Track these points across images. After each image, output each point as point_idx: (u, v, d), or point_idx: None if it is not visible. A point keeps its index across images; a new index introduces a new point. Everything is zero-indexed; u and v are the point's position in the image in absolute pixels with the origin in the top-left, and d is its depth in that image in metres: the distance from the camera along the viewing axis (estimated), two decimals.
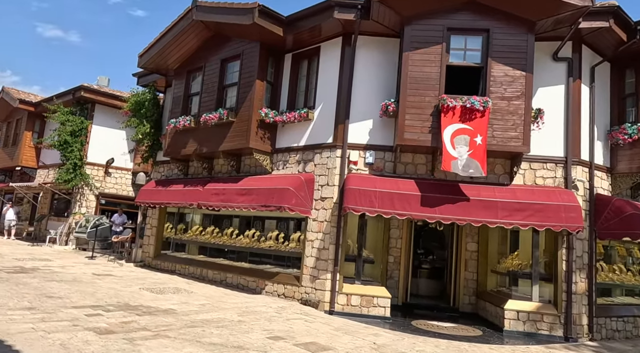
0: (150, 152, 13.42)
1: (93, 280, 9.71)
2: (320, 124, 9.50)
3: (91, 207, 17.58)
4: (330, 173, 9.10)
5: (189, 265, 11.84)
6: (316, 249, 8.97)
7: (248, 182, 9.99)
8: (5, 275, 9.19)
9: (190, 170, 12.48)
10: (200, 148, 11.08)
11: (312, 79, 10.05)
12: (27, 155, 20.10)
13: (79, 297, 7.73)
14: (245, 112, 10.04)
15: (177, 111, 11.93)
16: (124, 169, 18.52)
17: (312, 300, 8.74)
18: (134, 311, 6.98)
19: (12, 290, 7.73)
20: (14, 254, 13.30)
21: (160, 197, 11.97)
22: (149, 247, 13.29)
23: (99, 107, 17.74)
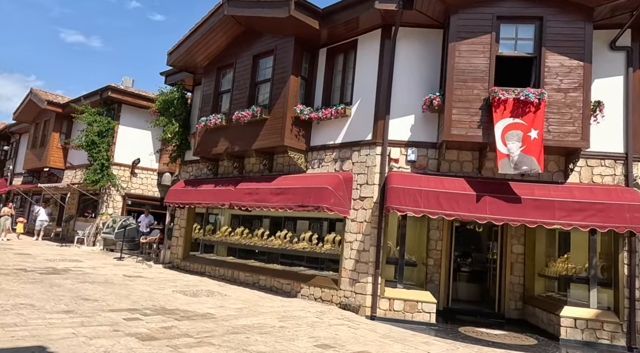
0: (178, 152, 13.22)
1: (125, 282, 9.50)
2: (358, 121, 9.10)
3: (118, 208, 17.52)
4: (369, 171, 8.68)
5: (220, 267, 11.57)
6: (355, 251, 8.57)
7: (282, 181, 9.65)
8: (39, 277, 9.04)
9: (220, 170, 12.22)
10: (231, 147, 10.80)
11: (348, 73, 9.66)
12: (54, 156, 20.22)
13: (115, 299, 7.49)
14: (280, 109, 9.70)
15: (207, 109, 11.68)
16: (150, 169, 18.43)
17: (352, 305, 8.33)
18: (171, 315, 6.69)
19: (48, 292, 7.54)
20: (44, 255, 13.26)
21: (189, 197, 11.74)
22: (177, 248, 13.08)
23: (125, 108, 17.69)
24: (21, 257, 12.09)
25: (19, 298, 6.80)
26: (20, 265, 10.52)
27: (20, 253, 13.14)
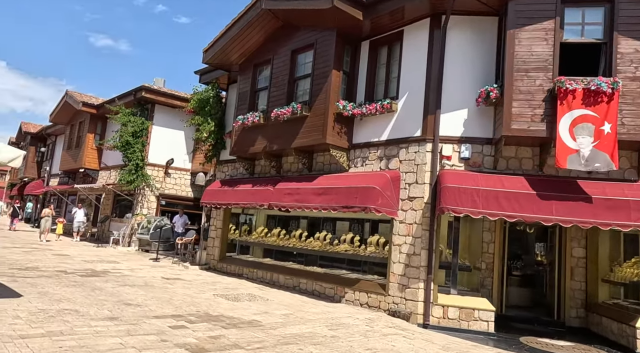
0: (213, 152, 13.00)
1: (164, 285, 9.29)
2: (405, 116, 8.59)
3: (152, 208, 17.53)
4: (419, 170, 8.16)
5: (258, 269, 11.26)
6: (405, 255, 8.07)
7: (324, 181, 9.24)
8: (80, 279, 8.93)
9: (256, 169, 11.92)
10: (270, 145, 10.46)
11: (393, 67, 9.16)
12: (89, 157, 20.46)
13: (157, 304, 7.24)
14: (321, 105, 9.29)
15: (244, 107, 11.39)
16: (183, 169, 18.38)
17: (402, 312, 7.84)
18: (217, 322, 6.37)
19: (90, 296, 7.36)
20: (82, 256, 13.29)
21: (226, 198, 11.48)
22: (213, 250, 12.87)
23: (158, 108, 17.67)
24: (60, 258, 12.12)
25: (63, 303, 6.62)
26: (60, 267, 10.48)
27: (59, 254, 13.21)
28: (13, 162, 5.55)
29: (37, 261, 11.10)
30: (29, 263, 10.62)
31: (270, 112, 10.42)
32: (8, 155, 5.51)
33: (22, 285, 7.66)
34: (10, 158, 5.53)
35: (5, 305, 6.14)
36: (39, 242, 15.98)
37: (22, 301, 6.48)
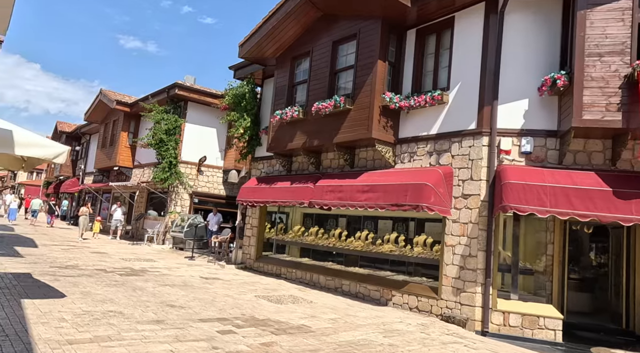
0: (249, 148, 12.71)
1: (204, 285, 9.04)
2: (457, 108, 8.03)
3: (185, 206, 17.46)
4: (474, 165, 7.60)
5: (297, 269, 10.91)
6: (459, 256, 7.53)
7: (369, 178, 8.77)
8: (120, 279, 8.77)
9: (294, 166, 11.56)
10: (310, 141, 10.06)
11: (442, 56, 8.60)
12: (123, 155, 20.61)
13: (200, 306, 6.95)
14: (365, 97, 8.82)
15: (282, 102, 11.03)
16: (215, 167, 18.24)
17: (456, 317, 7.31)
18: (265, 327, 6.01)
19: (132, 296, 7.14)
20: (119, 254, 13.26)
21: (263, 195, 11.16)
22: (249, 248, 12.60)
23: (191, 105, 17.58)
24: (98, 256, 12.09)
25: (107, 304, 6.40)
26: (99, 265, 10.40)
27: (97, 252, 13.22)
28: (58, 158, 5.34)
29: (76, 259, 11.07)
30: (69, 261, 10.58)
31: (310, 106, 10.02)
32: (53, 151, 5.30)
33: (64, 285, 7.52)
34: (56, 153, 5.32)
35: (50, 306, 5.95)
36: (77, 240, 16.07)
37: (66, 302, 6.30)
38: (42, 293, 6.70)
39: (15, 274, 8.04)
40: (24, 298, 6.27)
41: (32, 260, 10.10)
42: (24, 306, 5.81)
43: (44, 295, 6.63)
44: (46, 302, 6.13)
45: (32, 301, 6.11)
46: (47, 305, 5.99)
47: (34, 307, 5.82)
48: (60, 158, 5.39)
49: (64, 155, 5.43)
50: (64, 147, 5.49)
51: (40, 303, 6.05)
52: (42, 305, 5.93)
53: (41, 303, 6.06)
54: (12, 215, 23.12)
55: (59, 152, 5.38)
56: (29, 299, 6.20)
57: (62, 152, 5.40)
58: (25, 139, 5.21)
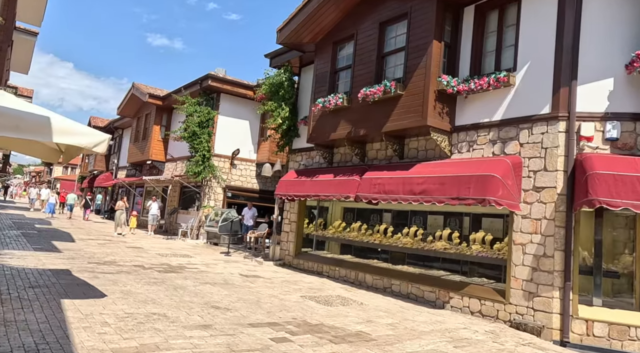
0: (286, 140, 12.14)
1: (245, 284, 8.55)
2: (526, 90, 7.19)
3: (219, 200, 17.11)
4: (548, 154, 6.76)
5: (340, 267, 10.29)
6: (531, 256, 6.73)
7: (423, 169, 8.04)
8: (158, 276, 8.37)
9: (335, 158, 10.92)
10: (355, 130, 9.39)
11: (507, 33, 7.75)
12: (156, 149, 20.46)
13: (247, 308, 6.43)
14: (419, 81, 8.07)
15: (323, 90, 10.39)
16: (248, 160, 17.81)
17: (529, 325, 6.53)
18: (321, 334, 5.43)
19: (174, 296, 6.69)
20: (154, 249, 12.99)
21: (304, 189, 10.58)
22: (287, 244, 12.07)
23: (223, 97, 17.16)
24: (134, 252, 11.81)
25: (149, 306, 5.95)
26: (137, 261, 10.07)
27: (132, 247, 12.98)
28: (98, 147, 4.87)
29: (113, 254, 10.80)
30: (106, 256, 10.30)
31: (355, 93, 9.35)
32: (92, 139, 4.84)
33: (103, 283, 7.15)
34: (96, 142, 4.86)
35: (91, 307, 5.53)
36: (113, 235, 15.87)
37: (107, 302, 5.88)
38: (81, 292, 6.31)
39: (54, 271, 7.74)
40: (64, 297, 5.89)
41: (70, 255, 9.86)
42: (64, 307, 5.41)
43: (84, 294, 6.24)
44: (87, 303, 5.73)
45: (72, 301, 5.72)
46: (87, 306, 5.58)
47: (75, 308, 5.41)
48: (101, 147, 4.92)
49: (104, 144, 4.95)
50: (104, 135, 5.01)
51: (80, 303, 5.65)
52: (82, 306, 5.52)
53: (81, 303, 5.66)
54: (49, 209, 23.53)
55: (99, 141, 4.90)
56: (69, 299, 5.82)
57: (102, 141, 4.92)
58: (64, 126, 4.75)
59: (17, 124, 4.45)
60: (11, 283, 6.41)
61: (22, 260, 8.57)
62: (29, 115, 4.68)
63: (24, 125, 4.51)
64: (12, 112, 4.55)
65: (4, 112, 4.49)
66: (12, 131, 4.45)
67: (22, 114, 4.61)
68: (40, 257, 9.11)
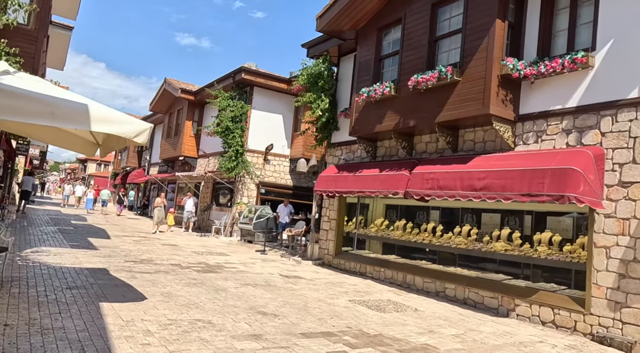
0: (324, 133, 11.54)
1: (288, 285, 8.02)
2: (608, 72, 6.33)
3: (252, 197, 16.71)
4: (638, 144, 5.91)
5: (385, 268, 9.64)
6: (618, 261, 5.90)
7: (485, 163, 7.29)
8: (197, 276, 7.94)
9: (379, 152, 10.25)
10: (404, 121, 8.70)
11: (582, 9, 6.89)
12: (188, 145, 20.28)
13: (295, 314, 5.88)
14: (479, 66, 7.31)
15: (366, 79, 9.73)
16: (282, 155, 17.33)
17: (616, 339, 5.72)
18: (384, 348, 4.81)
19: (217, 300, 6.21)
20: (189, 246, 12.67)
21: (346, 185, 9.96)
22: (327, 243, 11.50)
23: (257, 90, 16.72)
24: (170, 249, 11.49)
25: (192, 311, 5.48)
26: (173, 259, 9.71)
27: (167, 244, 12.70)
28: (139, 136, 4.41)
29: (148, 252, 10.50)
30: (142, 254, 9.99)
31: (403, 81, 8.66)
32: (133, 128, 4.37)
33: (142, 283, 6.75)
34: (137, 131, 4.39)
35: (132, 312, 5.10)
36: (151, 233, 15.27)
37: (147, 306, 5.44)
38: (120, 295, 5.91)
39: (91, 270, 7.41)
40: (102, 301, 5.48)
41: (106, 253, 9.59)
42: (103, 312, 4.98)
43: (123, 296, 5.83)
44: (127, 307, 5.30)
45: (112, 305, 5.30)
46: (128, 310, 5.14)
47: (114, 313, 4.98)
48: (142, 137, 4.44)
49: (146, 133, 4.48)
50: (146, 124, 4.54)
51: (120, 308, 5.22)
52: (122, 311, 5.09)
53: (121, 308, 5.23)
54: (89, 205, 24.17)
55: (140, 130, 4.43)
56: (108, 303, 5.40)
57: (143, 130, 4.45)
58: (103, 113, 4.30)
59: (53, 111, 4.02)
60: (48, 283, 6.08)
61: (59, 257, 8.31)
62: (66, 101, 4.25)
63: (60, 112, 4.07)
64: (48, 98, 4.12)
65: (38, 98, 4.06)
66: (47, 118, 4.02)
67: (58, 100, 4.18)
68: (77, 255, 8.85)
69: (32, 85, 4.28)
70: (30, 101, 3.97)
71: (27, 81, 4.42)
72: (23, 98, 3.96)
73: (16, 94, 3.95)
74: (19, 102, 3.93)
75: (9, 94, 3.93)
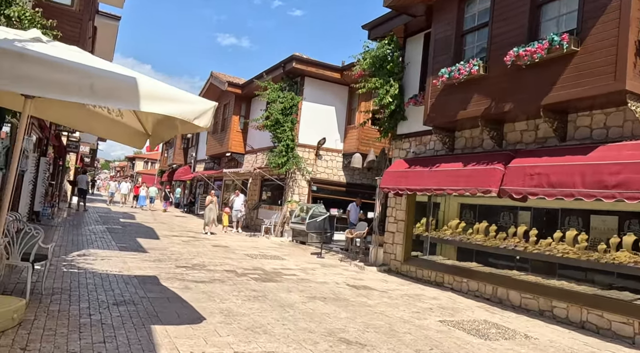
0: (391, 123, 10.25)
1: (359, 299, 6.85)
2: None
3: (303, 194, 15.68)
4: None
5: (468, 279, 8.27)
6: None
7: (613, 154, 5.79)
8: (257, 287, 6.91)
9: (458, 143, 8.88)
10: (496, 105, 7.30)
11: None
12: (235, 141, 19.57)
13: (385, 344, 4.69)
14: (608, 29, 5.81)
15: (445, 58, 8.38)
16: (334, 150, 16.18)
17: None
18: None
19: (286, 321, 5.13)
20: (241, 247, 11.79)
21: (420, 181, 8.66)
22: (393, 247, 10.24)
23: (308, 81, 15.64)
24: (221, 252, 10.63)
25: (261, 338, 4.41)
26: (227, 264, 8.80)
27: (217, 245, 11.88)
28: (201, 118, 3.37)
29: (200, 255, 9.65)
30: (193, 258, 9.15)
31: (494, 57, 7.25)
32: (193, 108, 3.34)
33: (197, 296, 5.80)
34: (198, 112, 3.35)
35: (190, 340, 4.09)
36: (202, 233, 14.25)
37: (207, 331, 4.43)
38: (174, 313, 4.94)
39: (141, 278, 6.55)
40: (155, 322, 4.53)
41: (156, 256, 8.80)
42: (156, 340, 4.01)
43: (178, 316, 4.86)
44: (183, 332, 4.30)
45: (165, 329, 4.32)
46: (185, 337, 4.14)
47: (169, 342, 3.99)
48: (204, 119, 3.40)
49: (209, 114, 3.43)
50: (209, 103, 3.49)
51: (175, 333, 4.23)
52: (179, 339, 4.09)
53: (177, 333, 4.24)
54: (142, 202, 24.50)
55: (203, 110, 3.38)
56: (161, 325, 4.44)
57: (206, 110, 3.41)
58: (155, 90, 3.29)
59: (93, 84, 3.02)
60: (93, 297, 5.21)
61: (107, 262, 7.55)
62: (109, 73, 3.26)
63: (101, 86, 3.07)
64: (86, 68, 3.13)
65: (73, 67, 3.07)
66: (85, 94, 3.03)
67: (99, 72, 3.18)
68: (125, 259, 8.09)
69: (67, 55, 3.32)
70: (63, 71, 3.00)
71: (62, 50, 3.46)
72: (54, 67, 2.99)
73: (46, 61, 2.99)
74: (49, 72, 2.97)
75: (37, 61, 2.97)
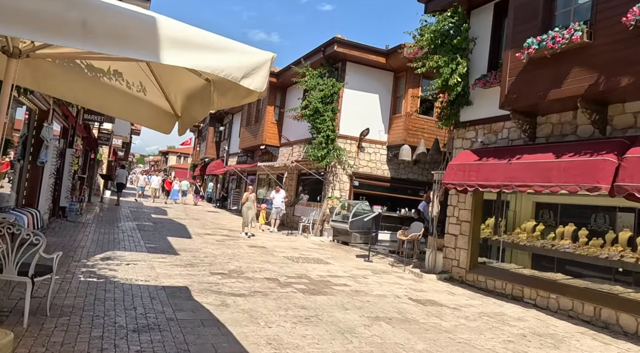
0: (454, 109, 8.84)
1: (430, 320, 5.58)
2: None
3: (344, 190, 14.44)
4: None
5: (557, 294, 6.82)
6: None
7: None
8: (305, 301, 5.74)
9: (541, 131, 7.40)
10: (606, 81, 5.80)
11: None
12: (269, 133, 18.52)
13: None
14: None
15: (530, 27, 6.90)
16: (378, 142, 14.82)
17: None
18: None
19: None
20: (279, 249, 10.69)
21: (494, 176, 7.26)
22: (456, 252, 8.87)
23: (350, 66, 14.33)
24: (259, 254, 9.55)
25: None
26: (267, 270, 7.70)
27: (254, 245, 10.83)
28: (251, 77, 2.14)
29: (235, 258, 8.61)
30: (229, 262, 8.10)
31: (601, 20, 5.76)
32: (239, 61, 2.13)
33: (237, 318, 4.68)
34: (247, 67, 2.14)
35: None
36: (240, 235, 12.43)
37: None
38: (210, 347, 3.82)
39: (170, 290, 5.51)
40: None
41: (187, 259, 7.80)
42: None
43: (215, 350, 3.73)
44: None
45: None
46: None
47: None
48: (256, 78, 2.20)
49: (263, 71, 2.23)
50: (263, 54, 2.28)
51: None
52: None
53: None
54: (175, 195, 24.46)
55: (255, 63, 2.19)
56: None
57: (260, 64, 2.21)
58: (182, 32, 2.11)
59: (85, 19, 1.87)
60: (109, 320, 4.17)
61: (132, 269, 6.58)
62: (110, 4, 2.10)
63: (98, 24, 1.92)
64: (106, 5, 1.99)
65: None
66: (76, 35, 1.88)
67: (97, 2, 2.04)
68: (153, 263, 7.10)
69: None
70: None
71: None
72: None
73: None
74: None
75: None
